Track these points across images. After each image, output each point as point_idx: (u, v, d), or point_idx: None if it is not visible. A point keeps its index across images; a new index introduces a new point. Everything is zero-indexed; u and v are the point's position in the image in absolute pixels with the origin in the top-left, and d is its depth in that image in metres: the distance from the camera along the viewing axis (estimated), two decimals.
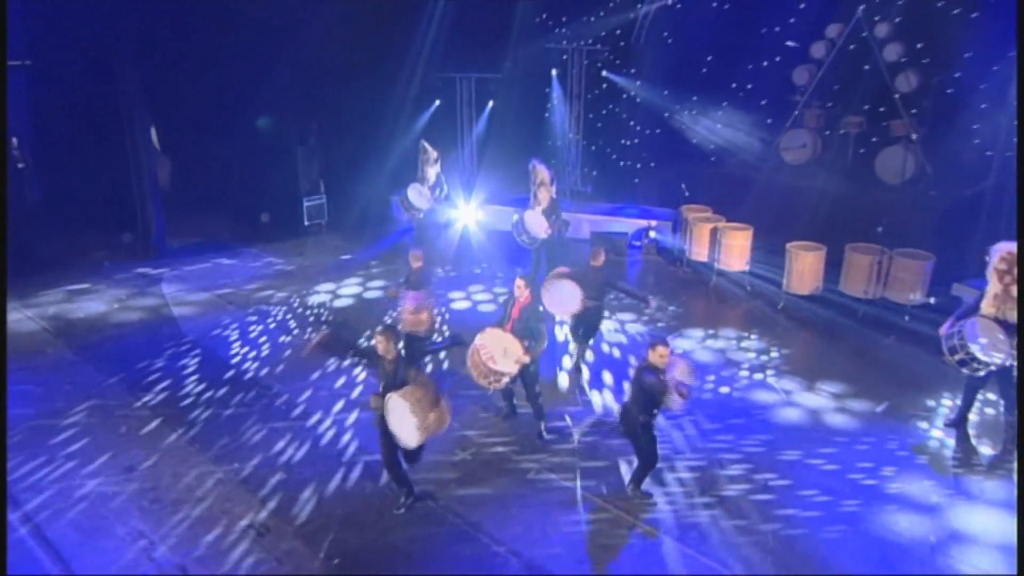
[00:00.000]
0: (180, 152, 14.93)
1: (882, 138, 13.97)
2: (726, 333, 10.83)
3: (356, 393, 9.15)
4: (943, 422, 8.46)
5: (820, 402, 8.99)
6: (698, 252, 12.93)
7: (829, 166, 14.10)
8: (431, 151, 12.92)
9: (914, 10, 13.33)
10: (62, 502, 7.14)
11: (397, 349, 6.76)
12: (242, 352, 10.27)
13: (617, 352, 10.18)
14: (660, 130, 15.98)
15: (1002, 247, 7.64)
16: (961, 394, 8.34)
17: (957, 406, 8.42)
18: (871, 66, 13.80)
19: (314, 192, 15.23)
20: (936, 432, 8.35)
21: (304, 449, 8.03)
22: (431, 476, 7.49)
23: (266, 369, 9.78)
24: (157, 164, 13.96)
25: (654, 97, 15.73)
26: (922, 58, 13.49)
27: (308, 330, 10.94)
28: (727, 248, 12.35)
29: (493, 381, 7.77)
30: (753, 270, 12.32)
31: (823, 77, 14.53)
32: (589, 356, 9.91)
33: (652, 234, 14.04)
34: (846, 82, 14.39)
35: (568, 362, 9.82)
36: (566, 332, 10.00)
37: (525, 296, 8.01)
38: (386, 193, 15.76)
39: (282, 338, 10.60)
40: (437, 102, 16.27)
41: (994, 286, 7.67)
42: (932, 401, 8.95)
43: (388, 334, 6.70)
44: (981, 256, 8.94)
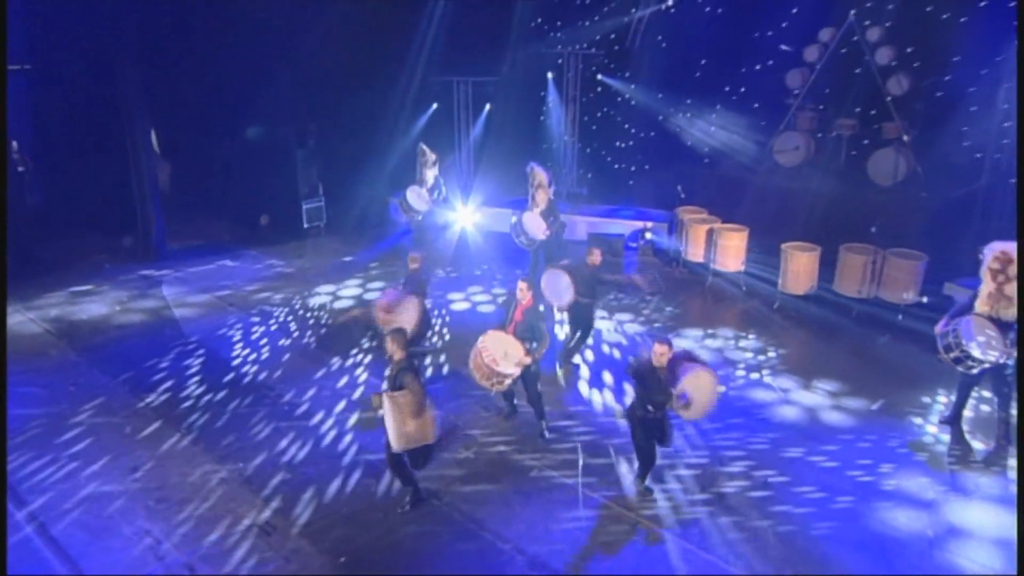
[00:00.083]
0: (180, 155, 14.92)
1: (874, 140, 14.06)
2: (723, 333, 10.92)
3: (357, 394, 9.19)
4: (938, 419, 8.55)
5: (817, 400, 9.08)
6: (694, 253, 13.04)
7: (823, 168, 14.15)
8: (429, 154, 12.96)
9: (905, 14, 13.42)
10: (69, 502, 7.16)
11: (404, 352, 6.84)
12: (244, 353, 10.29)
13: (617, 353, 10.24)
14: (655, 133, 16.03)
15: (996, 246, 7.71)
16: (955, 391, 8.41)
17: (952, 403, 8.51)
18: (863, 69, 13.88)
19: (313, 195, 15.24)
20: (931, 429, 8.45)
21: (308, 448, 8.07)
22: (434, 474, 7.54)
23: (268, 370, 9.81)
24: (157, 167, 13.94)
25: (649, 100, 15.81)
26: (912, 62, 13.60)
27: (308, 332, 10.98)
28: (723, 249, 12.46)
29: (496, 383, 7.84)
30: (749, 270, 12.41)
31: (816, 80, 14.61)
32: (580, 359, 10.01)
33: (648, 235, 14.13)
34: (838, 85, 14.45)
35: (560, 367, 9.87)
36: (566, 331, 10.08)
37: (527, 298, 8.09)
38: (385, 195, 15.83)
39: (282, 341, 10.60)
40: (435, 105, 16.32)
41: (988, 285, 7.75)
42: (927, 398, 9.05)
43: (394, 336, 6.80)
44: (973, 256, 9.05)
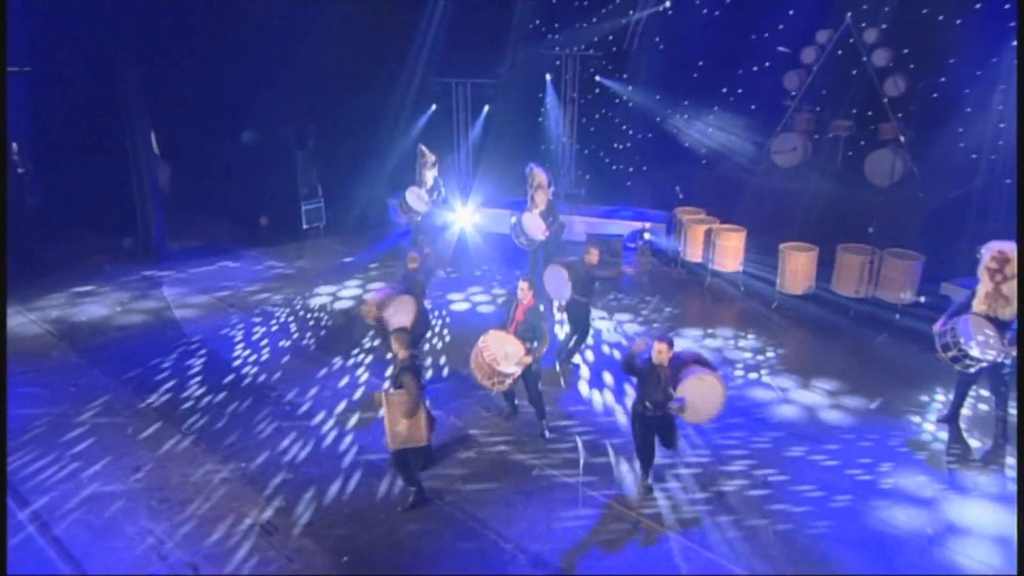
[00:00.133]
0: (180, 156, 14.92)
1: (870, 141, 14.13)
2: (722, 332, 10.98)
3: (358, 394, 9.22)
4: (936, 418, 8.61)
5: (816, 399, 9.14)
6: (692, 253, 13.09)
7: (820, 169, 14.22)
8: (429, 155, 12.99)
9: (901, 17, 13.48)
10: (71, 502, 7.17)
11: (408, 351, 6.87)
12: (246, 353, 10.31)
13: (617, 353, 10.25)
14: (652, 134, 16.09)
15: (993, 246, 7.73)
16: (953, 390, 8.45)
17: (950, 402, 8.56)
18: (859, 71, 13.95)
19: (312, 196, 15.27)
20: (929, 427, 8.50)
21: (310, 448, 8.09)
22: (436, 474, 7.59)
23: (269, 370, 9.83)
24: (157, 167, 13.94)
25: (646, 101, 15.88)
26: (909, 63, 13.68)
27: (308, 333, 11.01)
28: (721, 249, 12.51)
29: (497, 382, 7.88)
30: (747, 270, 12.47)
31: (813, 82, 14.66)
32: (580, 358, 10.06)
33: (647, 236, 14.17)
34: (835, 87, 14.53)
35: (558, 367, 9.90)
36: (566, 331, 10.12)
37: (528, 298, 8.13)
38: (384, 196, 15.86)
39: (282, 343, 10.61)
40: (434, 106, 16.36)
41: (985, 284, 7.77)
42: (925, 397, 9.11)
43: (399, 335, 6.86)
44: (970, 256, 9.12)
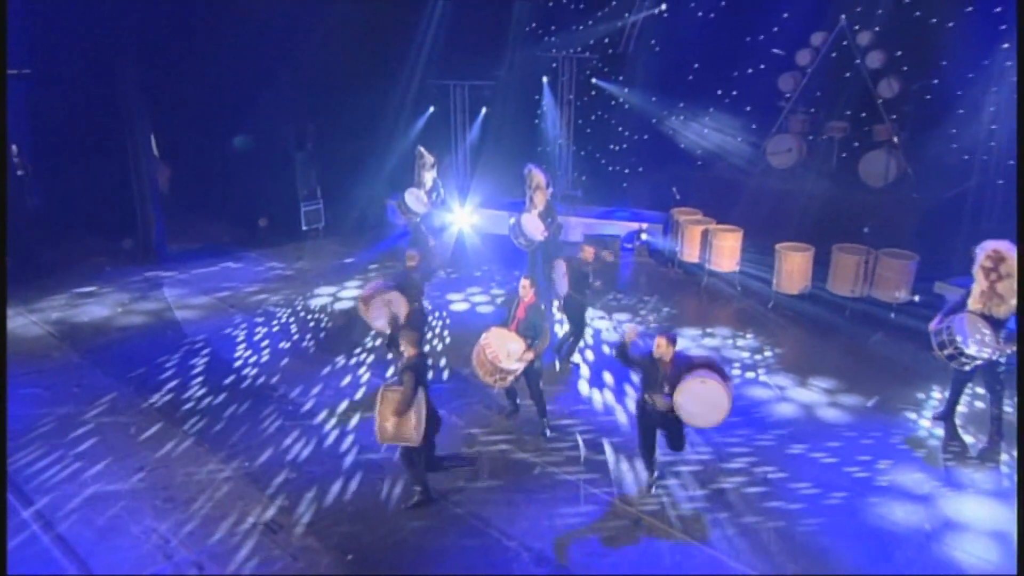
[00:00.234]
0: (179, 157, 14.92)
1: (865, 142, 14.23)
2: (720, 332, 11.07)
3: (360, 394, 9.25)
4: (932, 415, 8.69)
5: (814, 397, 9.22)
6: (689, 253, 13.17)
7: (815, 170, 14.32)
8: (428, 156, 13.04)
9: (894, 19, 13.58)
10: (76, 502, 7.18)
11: (416, 349, 6.92)
12: (248, 353, 10.34)
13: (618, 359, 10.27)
14: (648, 135, 16.18)
15: (988, 245, 7.78)
16: (949, 388, 8.53)
17: (945, 399, 8.63)
18: (853, 73, 14.07)
19: (311, 197, 15.32)
20: (926, 424, 8.58)
21: (313, 447, 8.12)
22: (438, 473, 7.57)
23: (271, 369, 9.86)
24: (156, 169, 13.95)
25: (642, 103, 15.97)
26: (902, 65, 13.80)
27: (309, 333, 11.04)
28: (718, 249, 12.58)
29: (499, 379, 7.93)
30: (744, 270, 12.56)
31: (807, 84, 14.76)
32: (580, 358, 10.13)
33: (644, 236, 14.27)
34: (829, 88, 14.63)
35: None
36: (566, 329, 10.17)
37: (530, 296, 8.19)
38: (383, 198, 15.91)
39: (282, 344, 10.63)
40: (431, 108, 16.42)
41: (980, 283, 7.81)
42: (921, 395, 9.20)
43: (406, 333, 6.91)
44: (964, 255, 9.20)
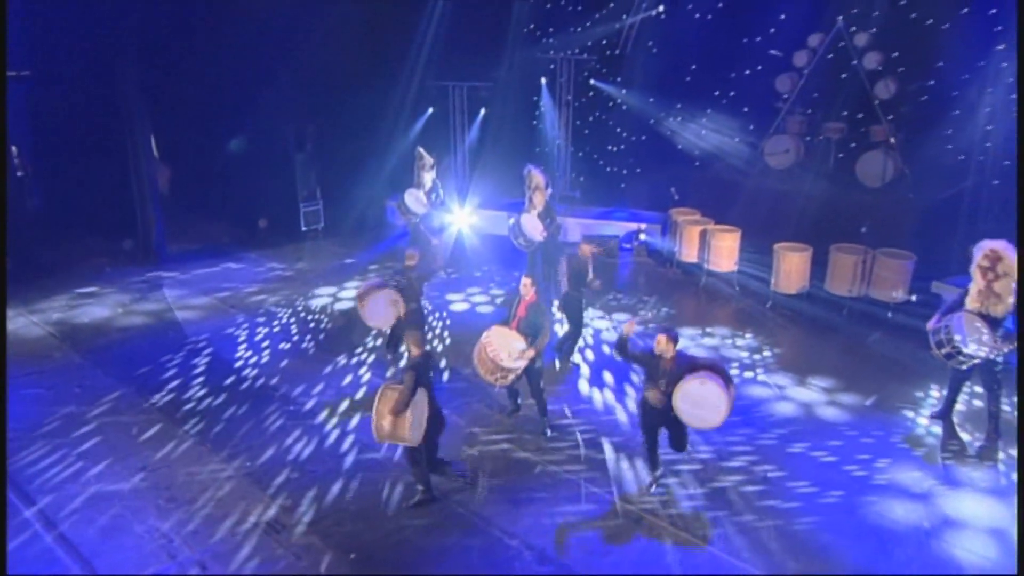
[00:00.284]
0: (179, 158, 14.93)
1: (862, 143, 14.31)
2: (719, 331, 11.13)
3: (361, 393, 9.27)
4: (930, 414, 8.74)
5: (812, 396, 9.28)
6: (687, 254, 13.23)
7: (813, 170, 14.38)
8: (427, 157, 13.07)
9: (890, 21, 13.65)
10: (78, 502, 7.19)
11: (421, 350, 6.95)
12: (249, 353, 10.36)
13: (618, 356, 10.31)
14: (646, 136, 16.24)
15: (985, 245, 7.81)
16: (947, 386, 8.58)
17: (943, 398, 8.68)
18: (850, 74, 14.14)
19: (311, 198, 15.36)
20: (923, 423, 8.64)
21: (315, 446, 8.14)
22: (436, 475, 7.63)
23: (273, 369, 9.88)
24: (156, 170, 13.96)
25: (640, 104, 16.03)
26: (898, 67, 13.88)
27: (310, 333, 11.07)
28: (716, 249, 12.65)
29: (500, 378, 7.95)
30: (742, 270, 12.63)
31: (805, 85, 14.83)
32: (580, 358, 10.18)
33: (642, 236, 14.33)
34: (826, 89, 14.70)
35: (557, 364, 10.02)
36: (565, 328, 10.23)
37: (531, 294, 8.24)
38: (382, 198, 15.94)
39: (282, 345, 10.65)
40: (431, 109, 16.46)
41: (978, 282, 7.85)
42: (919, 393, 9.26)
43: (411, 334, 6.94)
44: (961, 255, 9.28)
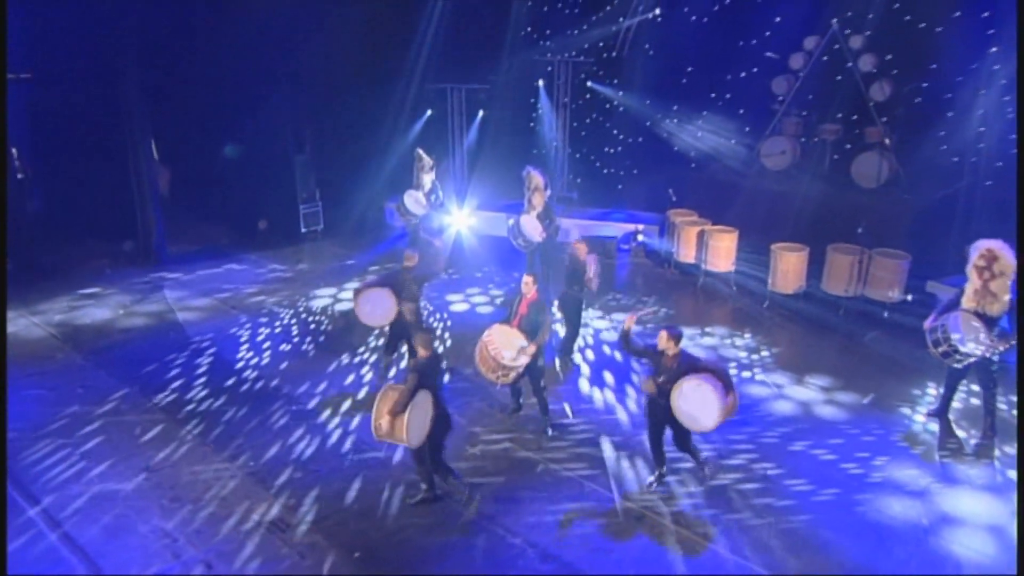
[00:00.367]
0: (179, 160, 14.96)
1: (857, 144, 14.42)
2: (717, 331, 11.20)
3: (363, 393, 9.32)
4: (926, 411, 8.83)
5: (810, 395, 9.36)
6: (685, 254, 13.31)
7: (809, 171, 14.49)
8: (426, 159, 13.11)
9: (884, 24, 13.76)
10: (82, 501, 7.22)
11: (428, 352, 6.98)
12: (251, 354, 10.40)
13: (619, 356, 10.33)
14: (643, 138, 16.34)
15: (981, 244, 7.88)
16: (943, 384, 8.63)
17: (940, 396, 8.74)
18: (845, 76, 14.25)
19: (310, 199, 15.40)
20: (920, 421, 8.73)
21: (318, 445, 8.18)
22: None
23: (274, 369, 9.92)
24: (156, 172, 13.98)
25: (637, 106, 16.11)
26: (892, 69, 13.99)
27: (311, 334, 11.10)
28: (714, 250, 12.74)
29: (501, 376, 7.99)
30: (739, 270, 12.70)
31: (800, 87, 14.93)
32: (581, 358, 10.25)
33: (640, 237, 14.41)
34: (822, 91, 14.81)
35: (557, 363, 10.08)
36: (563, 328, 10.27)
37: (532, 293, 8.30)
38: (381, 200, 15.98)
39: (283, 346, 10.68)
40: (429, 111, 16.52)
41: (974, 282, 7.91)
42: (917, 391, 9.35)
43: (420, 335, 6.99)
44: (956, 255, 9.39)
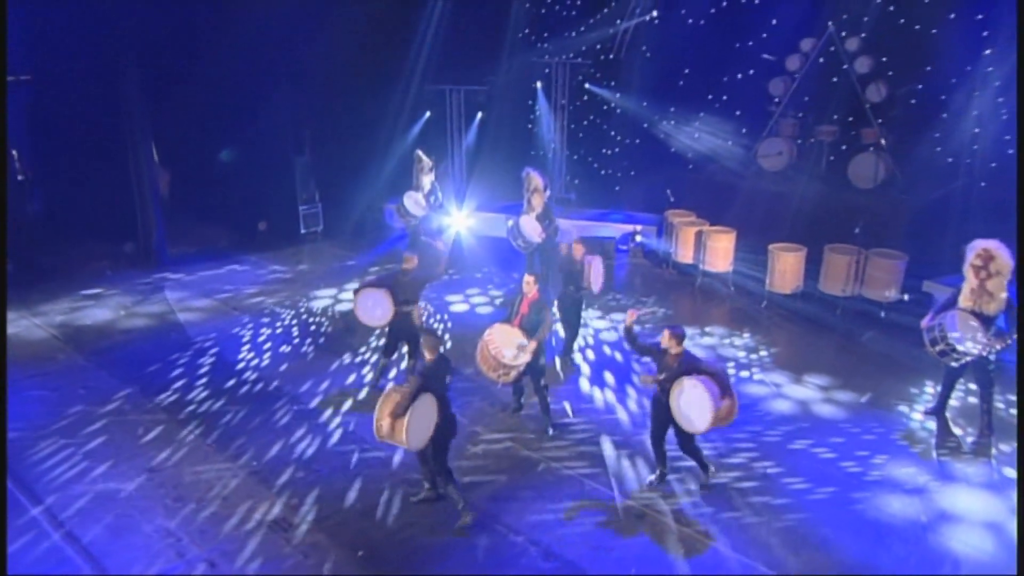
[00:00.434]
0: (179, 162, 14.97)
1: (853, 145, 14.49)
2: (716, 331, 11.26)
3: (364, 393, 9.35)
4: (924, 410, 8.90)
5: (809, 394, 9.42)
6: (683, 255, 13.38)
7: (806, 172, 14.56)
8: (426, 160, 13.14)
9: (880, 26, 13.85)
10: (85, 501, 7.24)
11: (434, 355, 6.97)
12: (252, 354, 10.42)
13: (619, 356, 10.41)
14: (640, 139, 16.41)
15: (978, 244, 7.95)
16: (941, 383, 8.73)
17: (937, 394, 8.84)
18: (841, 78, 14.33)
19: (310, 200, 15.44)
20: (918, 419, 8.79)
21: (320, 445, 8.21)
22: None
23: (275, 369, 9.94)
24: (157, 173, 14.00)
25: (635, 108, 16.17)
26: (888, 70, 14.08)
27: (312, 334, 11.14)
28: (712, 250, 12.81)
29: (503, 375, 8.03)
30: (737, 270, 12.78)
31: (797, 88, 15.00)
32: (581, 358, 10.29)
33: (638, 238, 14.47)
34: (818, 93, 14.88)
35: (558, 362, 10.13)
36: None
37: (533, 292, 8.35)
38: (380, 201, 16.03)
39: (283, 348, 10.69)
40: (428, 113, 16.57)
41: (971, 281, 7.99)
42: (914, 390, 9.42)
43: (426, 338, 7.00)
44: (952, 254, 9.45)
